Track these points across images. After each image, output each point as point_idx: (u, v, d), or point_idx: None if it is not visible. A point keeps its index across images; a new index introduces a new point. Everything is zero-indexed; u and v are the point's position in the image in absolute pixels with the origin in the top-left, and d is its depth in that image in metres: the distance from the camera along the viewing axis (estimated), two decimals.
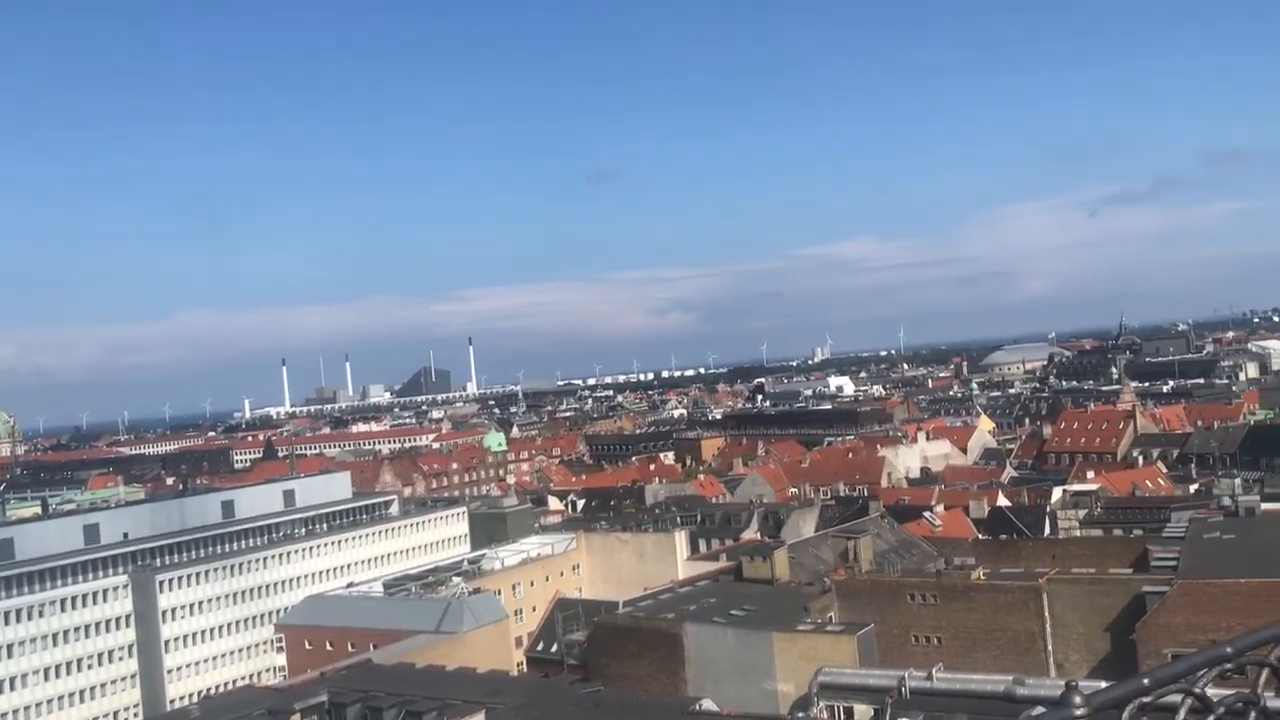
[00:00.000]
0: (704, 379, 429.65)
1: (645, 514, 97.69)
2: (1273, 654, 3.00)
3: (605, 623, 58.73)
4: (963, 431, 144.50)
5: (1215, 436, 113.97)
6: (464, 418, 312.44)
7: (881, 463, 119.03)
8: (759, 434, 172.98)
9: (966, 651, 54.57)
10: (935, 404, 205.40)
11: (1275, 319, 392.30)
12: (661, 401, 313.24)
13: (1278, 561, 50.95)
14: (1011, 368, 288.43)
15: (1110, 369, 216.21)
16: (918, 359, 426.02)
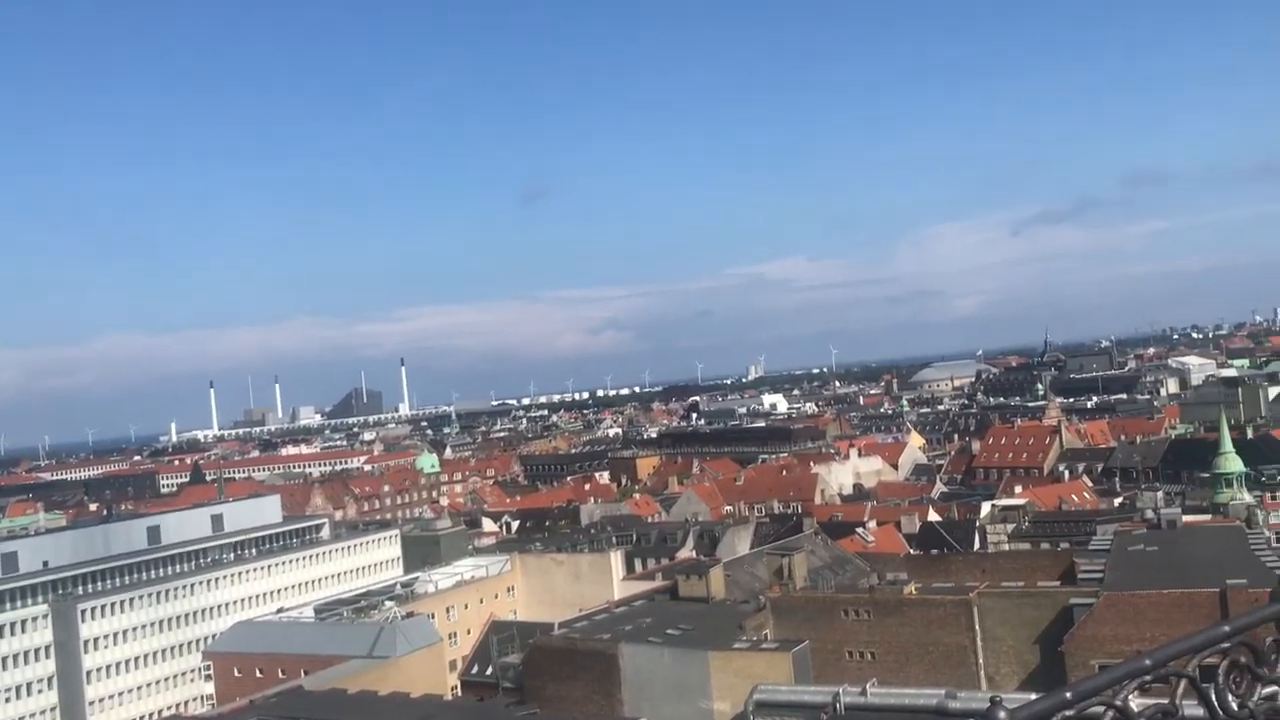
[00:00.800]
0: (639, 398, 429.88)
1: (580, 534, 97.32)
2: (1190, 665, 3.05)
3: (540, 645, 58.36)
4: (894, 448, 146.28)
5: (1138, 451, 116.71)
6: (396, 439, 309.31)
7: (815, 479, 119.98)
8: (694, 452, 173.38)
9: (900, 666, 55.09)
10: (867, 421, 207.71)
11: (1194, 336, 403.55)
12: (597, 421, 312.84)
13: (1199, 572, 52.18)
14: (941, 384, 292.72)
15: (1036, 385, 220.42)
16: (849, 376, 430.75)
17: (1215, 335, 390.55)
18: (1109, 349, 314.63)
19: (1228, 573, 50.14)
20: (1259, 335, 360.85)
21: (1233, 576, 49.06)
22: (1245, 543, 61.05)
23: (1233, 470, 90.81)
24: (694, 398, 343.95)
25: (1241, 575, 49.20)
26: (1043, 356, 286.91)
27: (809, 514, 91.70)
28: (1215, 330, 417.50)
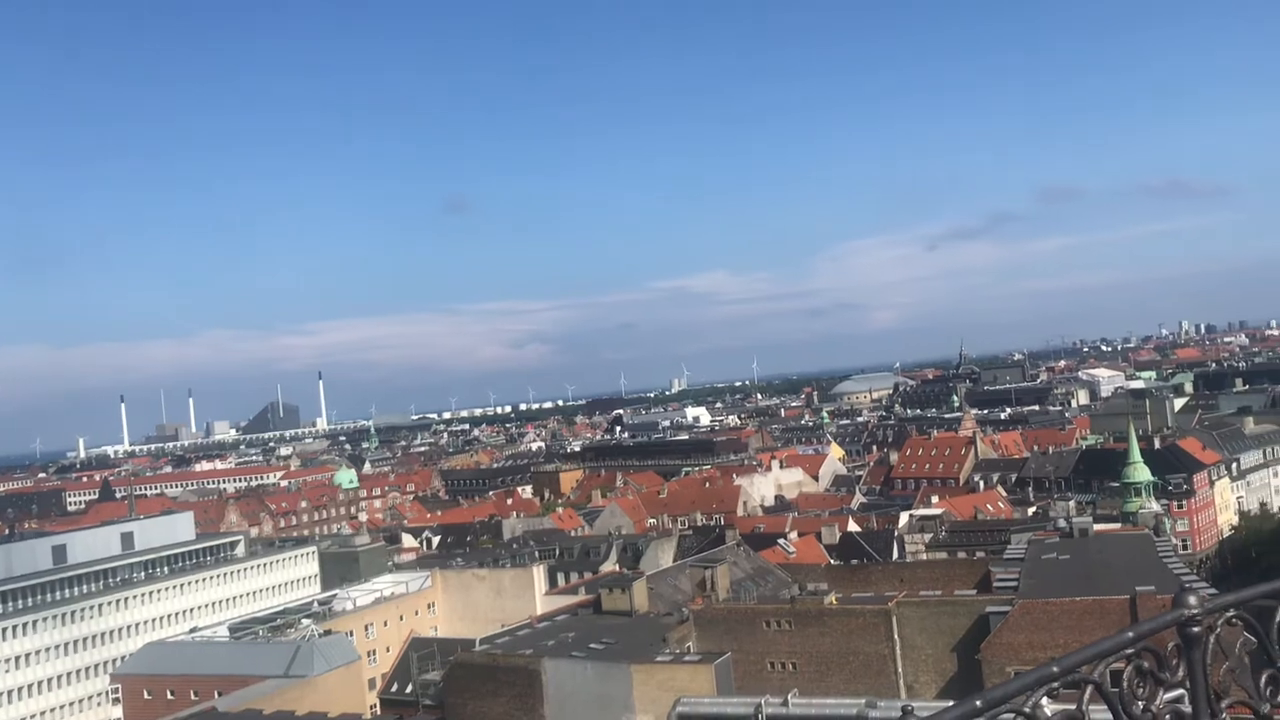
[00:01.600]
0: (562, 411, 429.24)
1: (503, 549, 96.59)
2: (1096, 671, 3.08)
3: (462, 661, 57.69)
4: (814, 459, 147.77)
5: (1050, 461, 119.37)
6: (313, 454, 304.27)
7: (737, 491, 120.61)
8: (618, 465, 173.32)
9: (821, 676, 55.53)
10: (788, 433, 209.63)
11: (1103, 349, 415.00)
12: (519, 434, 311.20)
13: (1110, 579, 53.50)
14: (860, 397, 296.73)
15: (952, 397, 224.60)
16: (771, 389, 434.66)
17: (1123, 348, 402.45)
18: (1022, 362, 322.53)
19: (1137, 579, 51.44)
20: (1165, 348, 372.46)
21: (1142, 583, 50.33)
22: (1154, 550, 62.78)
23: (1141, 479, 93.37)
24: (617, 411, 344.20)
25: (1150, 582, 50.49)
26: (958, 369, 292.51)
27: (732, 526, 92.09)
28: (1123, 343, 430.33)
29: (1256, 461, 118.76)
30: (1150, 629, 3.22)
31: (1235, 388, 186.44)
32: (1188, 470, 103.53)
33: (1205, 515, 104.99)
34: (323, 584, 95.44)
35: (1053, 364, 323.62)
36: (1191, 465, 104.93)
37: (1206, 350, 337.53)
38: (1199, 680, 3.29)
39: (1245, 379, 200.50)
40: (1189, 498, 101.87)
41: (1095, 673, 3.09)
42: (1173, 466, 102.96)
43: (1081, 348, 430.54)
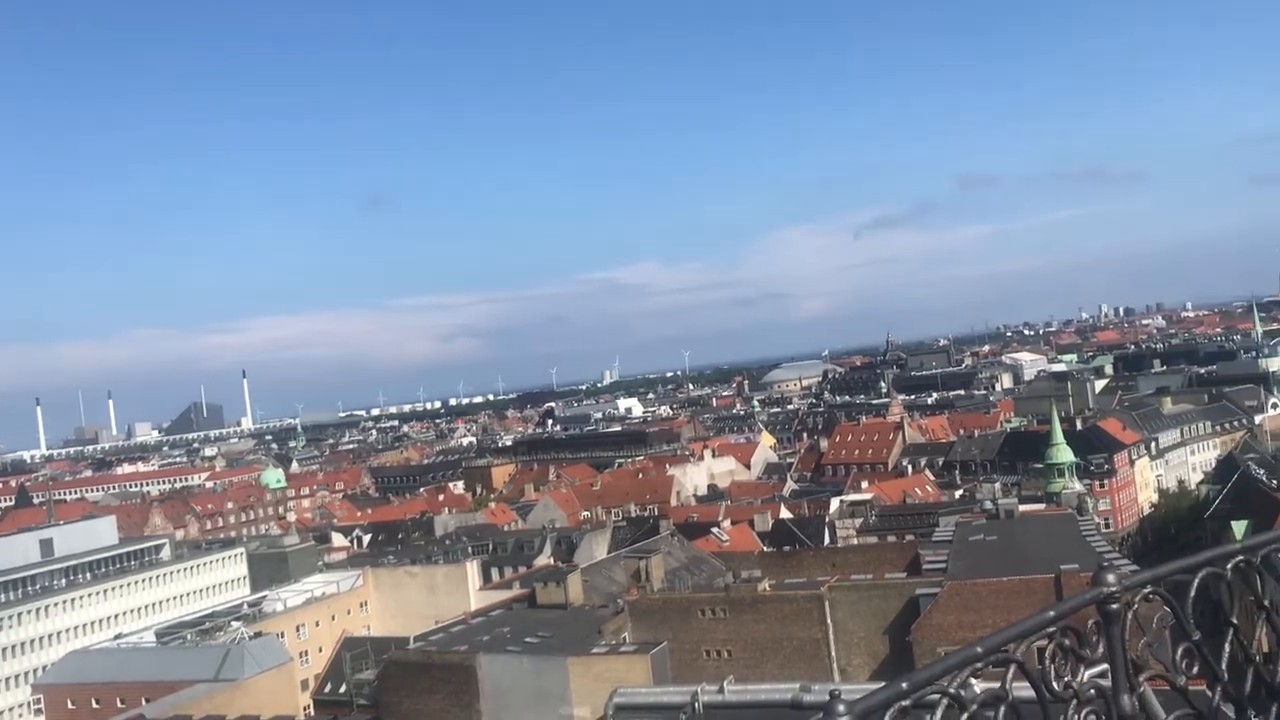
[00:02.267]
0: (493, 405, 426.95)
1: (435, 546, 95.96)
2: (1019, 650, 3.12)
3: (396, 659, 57.24)
4: (746, 448, 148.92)
5: (976, 444, 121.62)
6: (239, 454, 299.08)
7: (670, 482, 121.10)
8: (550, 459, 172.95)
9: (756, 662, 56.04)
10: (720, 422, 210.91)
11: (1026, 333, 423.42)
12: (450, 430, 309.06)
13: (1036, 559, 54.66)
14: (789, 385, 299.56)
15: (879, 383, 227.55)
16: (703, 379, 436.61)
17: (1045, 332, 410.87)
18: (947, 347, 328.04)
19: (1062, 558, 52.65)
20: (1085, 331, 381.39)
21: (1066, 562, 51.52)
22: (1077, 529, 64.33)
23: (1064, 460, 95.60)
24: (549, 404, 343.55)
25: (1074, 560, 51.68)
26: (885, 356, 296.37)
27: (665, 516, 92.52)
28: (1045, 327, 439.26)
29: (1174, 440, 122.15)
30: (1070, 608, 3.27)
31: (1153, 369, 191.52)
32: (1109, 450, 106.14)
33: (1126, 494, 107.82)
34: (252, 586, 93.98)
35: (977, 349, 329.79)
36: (1112, 445, 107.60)
37: (1125, 332, 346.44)
38: (1118, 655, 3.35)
39: (1163, 360, 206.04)
40: (1110, 477, 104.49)
41: (1018, 652, 3.13)
42: (1094, 447, 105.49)
43: (1005, 332, 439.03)
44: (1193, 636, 3.53)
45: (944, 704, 2.98)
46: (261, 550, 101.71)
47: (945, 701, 2.98)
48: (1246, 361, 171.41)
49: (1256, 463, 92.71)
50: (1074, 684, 3.20)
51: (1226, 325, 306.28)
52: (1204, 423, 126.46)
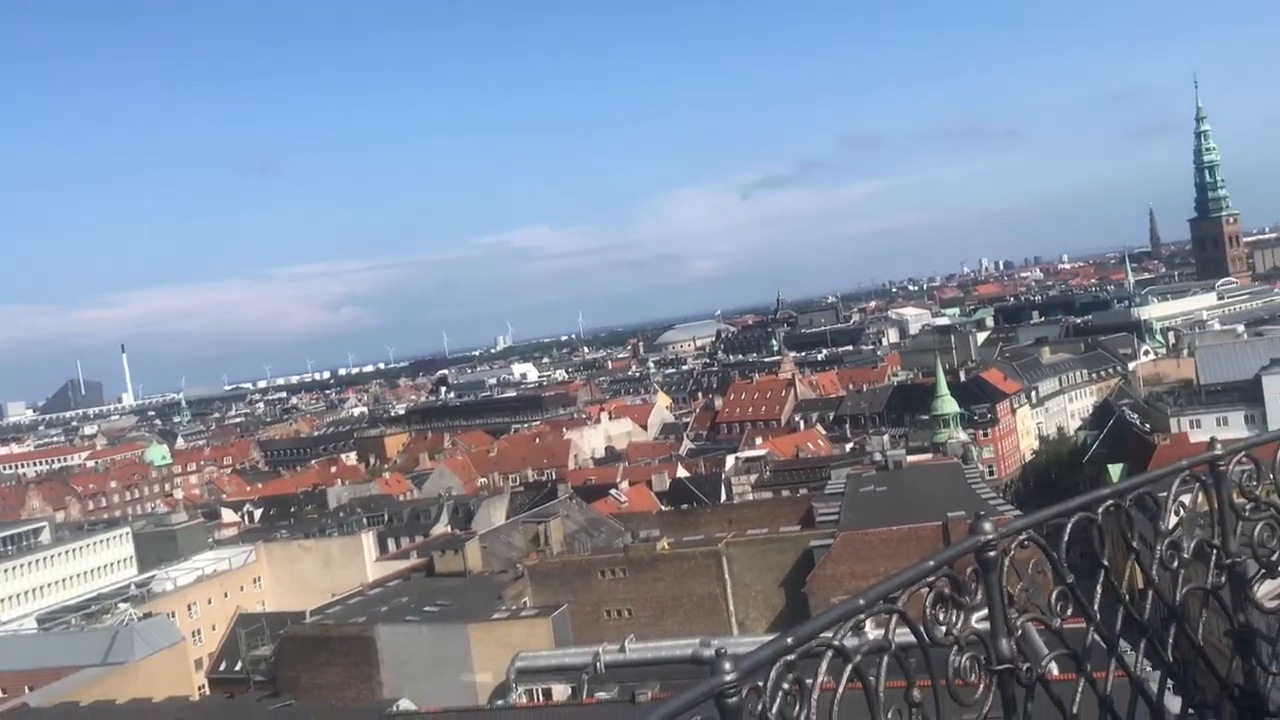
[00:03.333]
0: (384, 374, 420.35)
1: (329, 518, 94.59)
2: (901, 600, 3.16)
3: (292, 634, 56.45)
4: (642, 409, 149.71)
5: (865, 398, 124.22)
6: (121, 431, 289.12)
7: (568, 445, 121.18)
8: (445, 426, 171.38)
9: (656, 620, 56.69)
10: (616, 384, 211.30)
11: (910, 288, 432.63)
12: (340, 400, 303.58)
13: (924, 508, 56.22)
14: (683, 345, 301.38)
15: (771, 341, 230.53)
16: (597, 342, 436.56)
17: (929, 287, 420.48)
18: (835, 304, 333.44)
19: (949, 506, 54.23)
20: (967, 285, 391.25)
21: (953, 509, 53.08)
22: (963, 477, 66.43)
23: (949, 411, 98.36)
24: (442, 371, 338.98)
25: (960, 508, 53.27)
26: (776, 314, 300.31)
27: (563, 480, 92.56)
28: (929, 282, 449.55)
29: (1053, 389, 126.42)
30: (949, 556, 3.32)
31: (1032, 320, 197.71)
32: (991, 400, 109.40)
33: (1009, 442, 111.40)
34: (139, 566, 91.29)
35: (864, 305, 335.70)
36: (995, 395, 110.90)
37: (1005, 285, 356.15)
38: (996, 601, 3.41)
39: (1041, 311, 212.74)
40: (993, 426, 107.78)
41: (900, 602, 3.17)
42: (977, 397, 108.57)
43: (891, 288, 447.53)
44: (1066, 579, 3.62)
45: (829, 656, 3.00)
46: (148, 529, 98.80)
47: (830, 653, 3.01)
48: (1119, 311, 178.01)
49: (1130, 408, 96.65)
50: (955, 630, 3.25)
51: (1101, 276, 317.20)
52: (1081, 371, 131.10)
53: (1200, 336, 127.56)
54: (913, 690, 3.18)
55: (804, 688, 2.87)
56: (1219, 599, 4.33)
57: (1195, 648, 4.26)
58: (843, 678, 3.02)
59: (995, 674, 3.40)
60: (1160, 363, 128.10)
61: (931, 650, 3.24)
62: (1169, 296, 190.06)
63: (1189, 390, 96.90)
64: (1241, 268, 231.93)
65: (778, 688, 2.82)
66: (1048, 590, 3.72)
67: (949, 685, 3.26)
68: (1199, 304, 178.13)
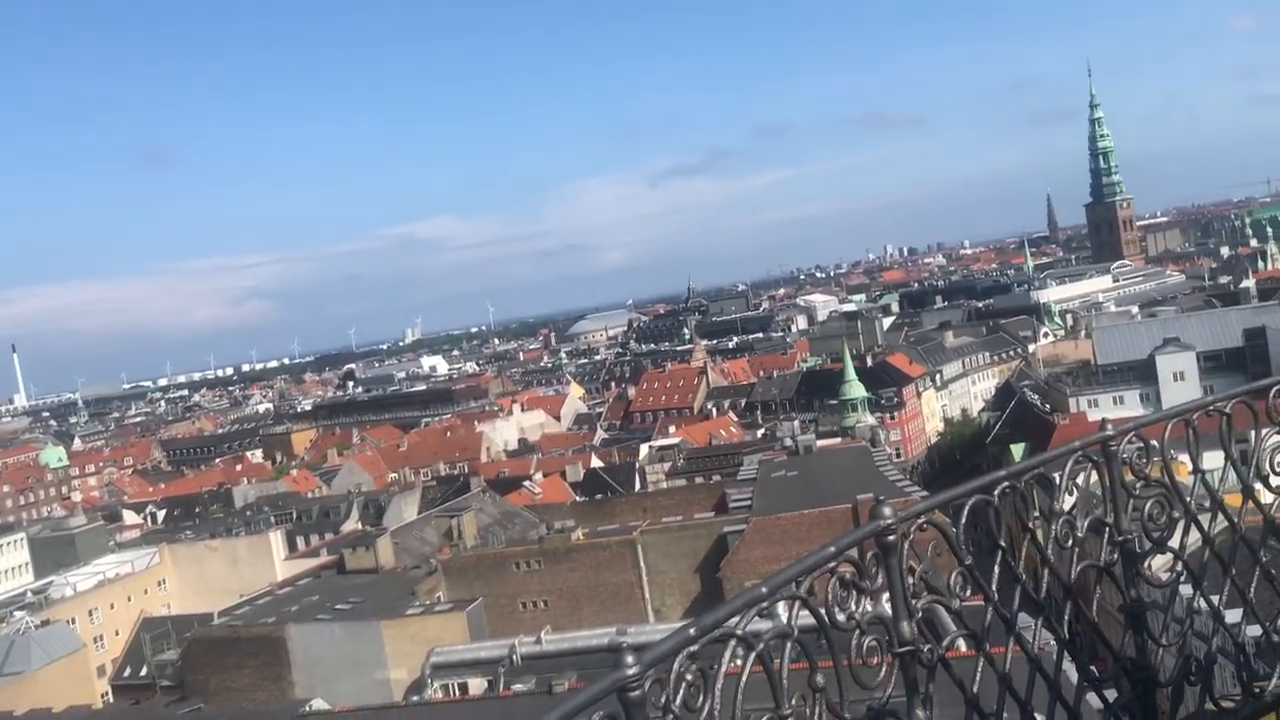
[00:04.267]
0: (290, 369, 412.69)
1: (235, 517, 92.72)
2: (804, 586, 3.17)
3: (200, 636, 55.21)
4: (555, 400, 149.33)
5: (775, 384, 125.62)
6: (13, 434, 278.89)
7: (480, 438, 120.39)
8: (353, 422, 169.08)
9: (572, 610, 56.66)
10: (528, 376, 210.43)
11: (818, 275, 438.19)
12: (244, 397, 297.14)
13: (834, 491, 56.99)
14: (596, 335, 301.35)
15: (683, 330, 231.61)
16: (508, 333, 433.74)
17: (836, 274, 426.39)
18: (746, 292, 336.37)
19: (857, 489, 54.97)
20: (873, 271, 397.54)
21: (862, 492, 53.89)
22: (871, 460, 67.54)
23: (856, 396, 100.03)
24: (349, 365, 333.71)
25: (869, 490, 54.11)
26: (687, 303, 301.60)
27: (476, 473, 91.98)
28: (836, 269, 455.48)
29: (957, 372, 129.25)
30: (850, 542, 3.35)
31: (936, 305, 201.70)
32: (897, 384, 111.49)
33: (915, 424, 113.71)
34: (36, 572, 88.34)
35: (774, 292, 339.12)
36: (900, 379, 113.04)
37: (909, 271, 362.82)
38: (896, 584, 3.45)
39: (944, 296, 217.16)
40: (900, 409, 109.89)
41: (802, 588, 3.18)
42: (884, 381, 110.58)
43: (799, 275, 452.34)
44: (964, 561, 3.68)
45: (732, 644, 3.00)
46: (44, 534, 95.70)
47: (734, 642, 3.01)
48: (1019, 294, 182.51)
49: (1031, 389, 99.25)
50: (856, 614, 3.28)
51: (1001, 261, 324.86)
52: (983, 354, 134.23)
53: (1097, 318, 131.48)
54: (816, 675, 3.20)
55: (707, 677, 2.86)
56: (1112, 575, 4.45)
57: (1090, 623, 4.37)
58: (747, 665, 3.03)
59: (898, 656, 3.44)
60: (1059, 344, 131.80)
61: (835, 634, 3.27)
62: (1066, 280, 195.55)
63: (1087, 371, 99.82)
64: (1135, 251, 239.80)
65: (681, 679, 2.81)
66: (948, 572, 3.78)
67: (851, 668, 3.29)
68: (1095, 287, 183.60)
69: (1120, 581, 4.46)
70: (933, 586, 3.57)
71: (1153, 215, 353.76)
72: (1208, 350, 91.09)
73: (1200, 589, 4.71)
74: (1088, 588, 4.42)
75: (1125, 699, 4.36)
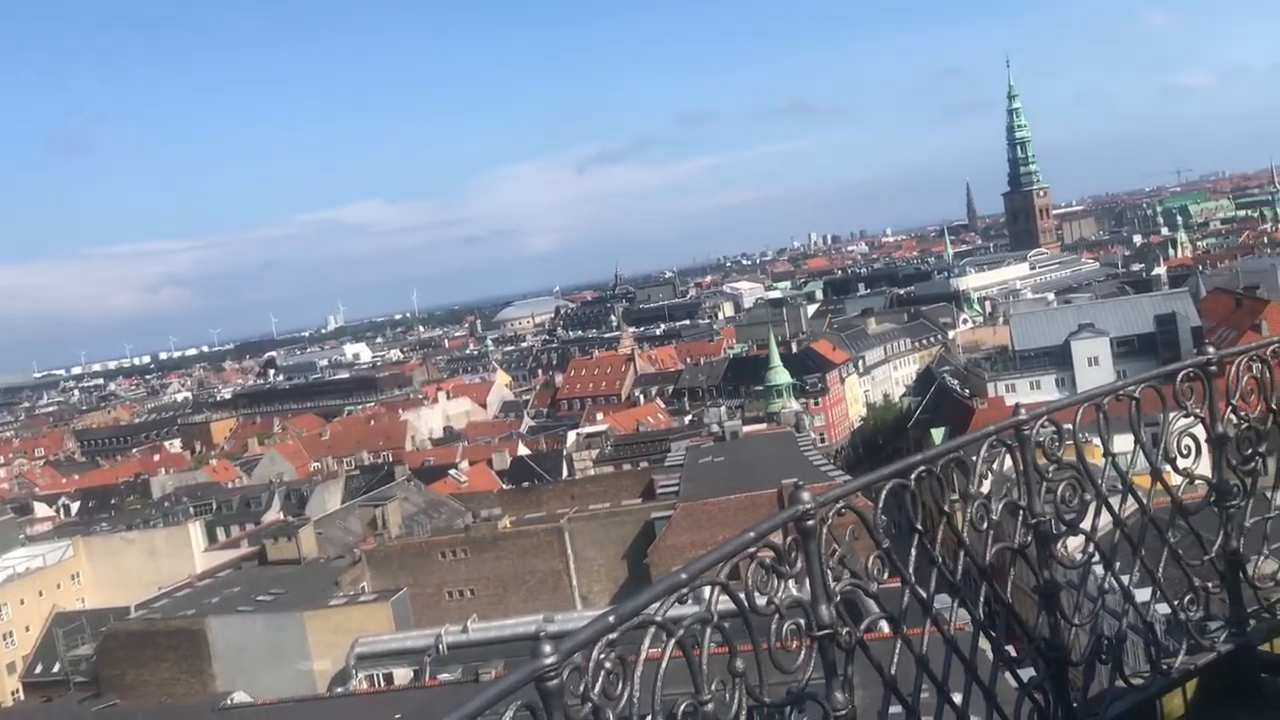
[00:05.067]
0: (209, 357, 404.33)
1: (153, 509, 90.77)
2: (723, 572, 3.17)
3: (115, 631, 54.00)
4: (481, 388, 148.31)
5: (702, 371, 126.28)
6: None
7: (404, 426, 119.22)
8: (274, 410, 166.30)
9: (499, 599, 56.46)
10: (453, 363, 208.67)
11: (744, 262, 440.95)
12: (162, 386, 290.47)
13: (760, 476, 57.50)
14: (522, 322, 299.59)
15: (610, 317, 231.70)
16: (433, 320, 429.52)
17: (762, 261, 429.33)
18: (672, 279, 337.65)
19: (783, 473, 55.49)
20: (797, 259, 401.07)
21: (786, 476, 54.41)
22: (796, 445, 68.31)
23: (782, 382, 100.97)
24: (270, 353, 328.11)
25: (794, 475, 54.61)
26: (614, 290, 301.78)
27: (401, 462, 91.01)
28: (761, 257, 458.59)
29: (879, 358, 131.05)
30: (769, 527, 3.36)
31: (859, 292, 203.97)
32: (822, 370, 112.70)
33: (838, 410, 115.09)
34: None
35: (700, 280, 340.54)
36: (824, 365, 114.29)
37: (833, 259, 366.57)
38: (815, 569, 3.48)
39: (867, 283, 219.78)
40: (824, 395, 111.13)
41: (722, 574, 3.18)
42: (809, 368, 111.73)
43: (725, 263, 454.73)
44: (882, 545, 3.72)
45: (652, 631, 3.00)
46: None
47: (653, 628, 3.01)
48: (940, 281, 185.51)
49: (950, 374, 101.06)
50: (775, 600, 3.30)
51: (922, 249, 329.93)
52: (904, 340, 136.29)
53: (1014, 305, 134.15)
54: (735, 660, 3.21)
55: (626, 665, 2.86)
56: (1026, 557, 4.53)
57: (1006, 604, 4.45)
58: (666, 651, 3.02)
59: (816, 639, 3.47)
60: (977, 330, 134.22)
61: (755, 619, 3.28)
62: (985, 267, 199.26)
63: (1004, 356, 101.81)
64: (1051, 239, 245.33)
65: (600, 667, 2.80)
66: (867, 555, 3.81)
67: (771, 652, 3.31)
68: (1013, 274, 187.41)
69: (1034, 563, 4.55)
70: (852, 570, 3.60)
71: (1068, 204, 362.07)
72: (1121, 336, 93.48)
73: (1111, 569, 4.82)
74: (1003, 569, 4.50)
75: (1039, 678, 4.44)
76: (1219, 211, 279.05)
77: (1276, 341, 5.58)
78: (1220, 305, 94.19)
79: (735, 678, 3.19)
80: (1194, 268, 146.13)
